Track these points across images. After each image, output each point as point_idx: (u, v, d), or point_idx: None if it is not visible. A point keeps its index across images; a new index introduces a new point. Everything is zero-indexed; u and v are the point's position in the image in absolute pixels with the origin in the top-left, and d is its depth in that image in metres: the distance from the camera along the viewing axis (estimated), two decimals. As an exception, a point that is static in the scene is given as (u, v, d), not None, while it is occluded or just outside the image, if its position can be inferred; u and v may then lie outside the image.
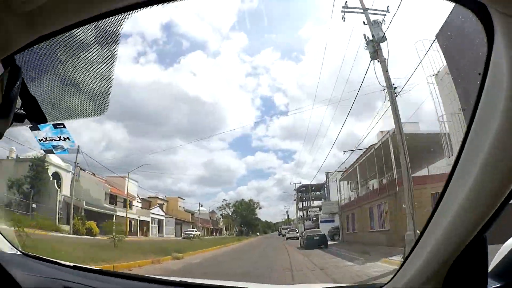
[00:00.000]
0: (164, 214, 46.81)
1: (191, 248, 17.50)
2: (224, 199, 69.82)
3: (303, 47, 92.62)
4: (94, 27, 0.88)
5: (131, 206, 41.28)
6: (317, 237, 21.15)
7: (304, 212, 54.92)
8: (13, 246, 1.70)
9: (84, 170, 32.52)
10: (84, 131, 51.56)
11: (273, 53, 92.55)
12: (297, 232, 38.69)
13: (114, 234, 16.31)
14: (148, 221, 42.61)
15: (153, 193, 49.35)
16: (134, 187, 42.78)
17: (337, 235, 27.58)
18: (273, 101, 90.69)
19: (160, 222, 45.43)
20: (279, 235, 56.71)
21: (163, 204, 50.05)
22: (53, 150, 1.75)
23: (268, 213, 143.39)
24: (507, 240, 1.29)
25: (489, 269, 1.11)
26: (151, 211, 43.56)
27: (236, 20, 74.19)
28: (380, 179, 21.59)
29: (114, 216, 36.58)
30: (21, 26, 0.77)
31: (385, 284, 1.28)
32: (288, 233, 40.04)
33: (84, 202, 32.66)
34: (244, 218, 60.42)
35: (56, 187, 30.59)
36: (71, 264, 1.74)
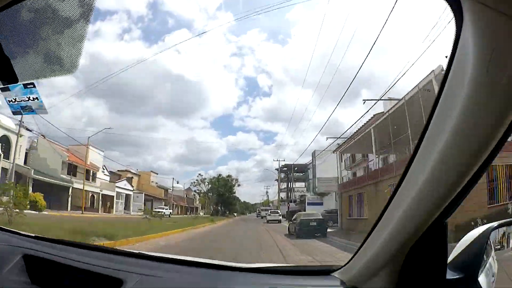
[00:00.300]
0: (132, 188, 41.95)
1: (140, 232, 12.46)
2: (199, 174, 65.36)
3: (290, 30, 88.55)
4: None
5: (94, 178, 36.29)
6: (314, 223, 17.02)
7: (288, 193, 51.63)
8: None
9: (31, 131, 27.25)
10: (65, 107, 47.49)
11: (260, 34, 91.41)
12: (280, 215, 34.80)
13: (7, 206, 11.13)
14: (113, 196, 37.74)
15: (124, 167, 44.53)
16: (98, 157, 37.56)
17: (331, 221, 23.30)
18: (257, 82, 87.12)
19: (127, 198, 40.82)
20: (257, 216, 53.65)
21: (132, 178, 45.21)
22: (22, 111, 1.66)
23: (247, 192, 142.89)
24: None
25: (448, 261, 1.07)
26: (117, 184, 38.49)
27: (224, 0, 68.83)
28: (414, 143, 16.37)
29: (70, 188, 31.71)
30: None
31: (342, 266, 1.23)
32: (269, 215, 35.31)
33: (32, 171, 27.70)
34: (221, 196, 55.98)
35: (0, 151, 25.85)
36: (33, 234, 1.72)
